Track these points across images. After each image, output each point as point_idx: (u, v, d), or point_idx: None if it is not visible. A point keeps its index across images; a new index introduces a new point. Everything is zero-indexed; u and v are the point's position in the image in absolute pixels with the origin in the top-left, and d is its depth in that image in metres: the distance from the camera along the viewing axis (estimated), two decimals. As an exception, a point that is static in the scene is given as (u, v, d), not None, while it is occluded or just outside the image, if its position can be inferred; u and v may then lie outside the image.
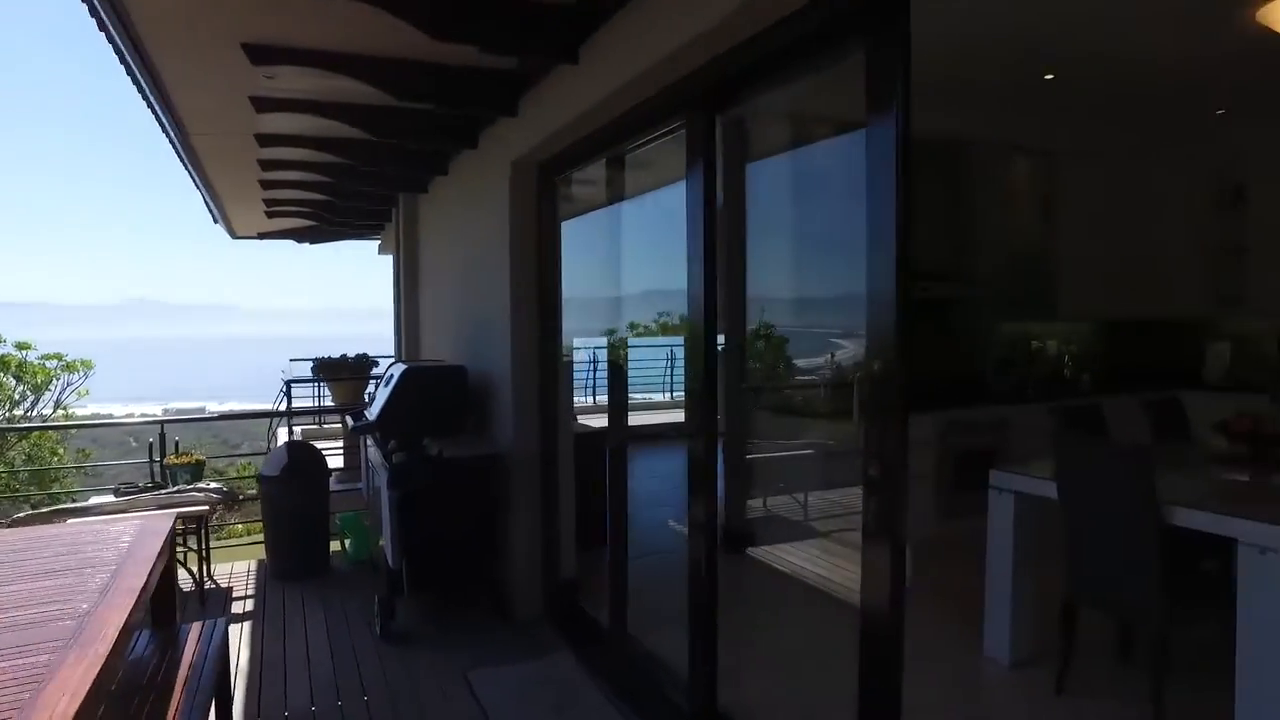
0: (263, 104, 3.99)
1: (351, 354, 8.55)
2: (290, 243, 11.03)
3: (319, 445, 5.46)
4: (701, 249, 2.66)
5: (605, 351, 6.02)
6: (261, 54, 3.28)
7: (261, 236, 10.14)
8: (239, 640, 3.96)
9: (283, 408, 9.89)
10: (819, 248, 5.03)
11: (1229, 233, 6.31)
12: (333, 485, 5.64)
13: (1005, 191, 5.70)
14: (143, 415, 19.25)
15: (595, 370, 8.32)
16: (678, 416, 7.75)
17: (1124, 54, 4.33)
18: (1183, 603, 2.85)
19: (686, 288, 2.74)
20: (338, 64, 3.45)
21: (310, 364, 8.63)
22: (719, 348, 2.85)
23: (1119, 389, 5.92)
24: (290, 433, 9.20)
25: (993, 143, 5.59)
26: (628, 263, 4.90)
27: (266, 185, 6.37)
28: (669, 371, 10.34)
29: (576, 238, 4.45)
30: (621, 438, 3.88)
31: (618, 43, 2.79)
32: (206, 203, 7.39)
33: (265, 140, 4.86)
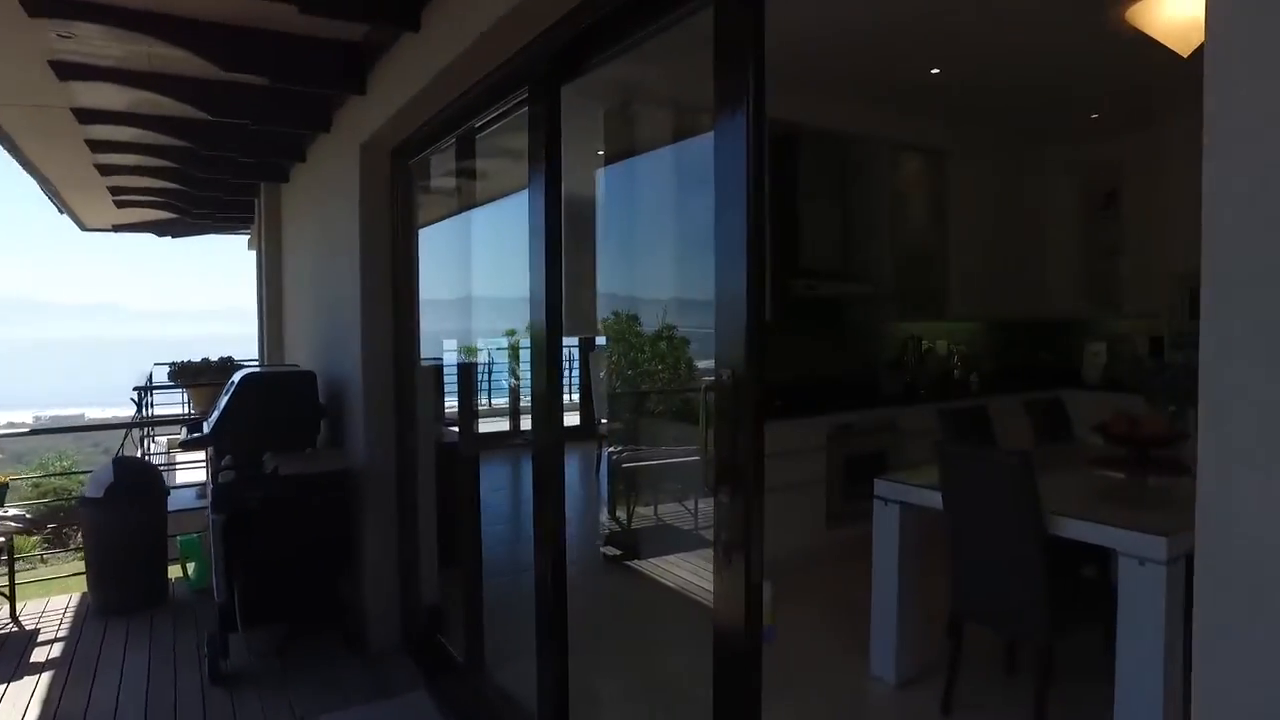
0: (66, 70, 3.47)
1: (236, 357, 7.85)
2: (190, 239, 10.25)
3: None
4: (544, 238, 2.36)
5: (504, 352, 5.75)
6: (43, 5, 2.79)
7: (116, 229, 9.30)
8: (31, 693, 3.42)
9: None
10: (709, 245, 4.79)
11: (1104, 236, 6.45)
12: (186, 503, 5.08)
13: (897, 189, 5.61)
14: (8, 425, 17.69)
15: (490, 372, 7.94)
16: (571, 420, 7.40)
17: (1002, 51, 4.27)
18: (1067, 616, 2.72)
19: (529, 277, 2.43)
20: (143, 24, 2.99)
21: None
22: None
23: (1005, 389, 5.93)
24: (144, 446, 8.41)
25: (885, 140, 5.49)
26: (512, 262, 4.59)
27: (105, 170, 5.73)
28: (569, 371, 10.05)
29: (454, 235, 4.10)
30: (472, 447, 3.54)
31: (457, 4, 2.46)
32: (44, 190, 6.64)
33: (86, 116, 4.29)
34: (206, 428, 3.88)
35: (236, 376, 3.90)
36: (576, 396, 8.46)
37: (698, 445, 5.18)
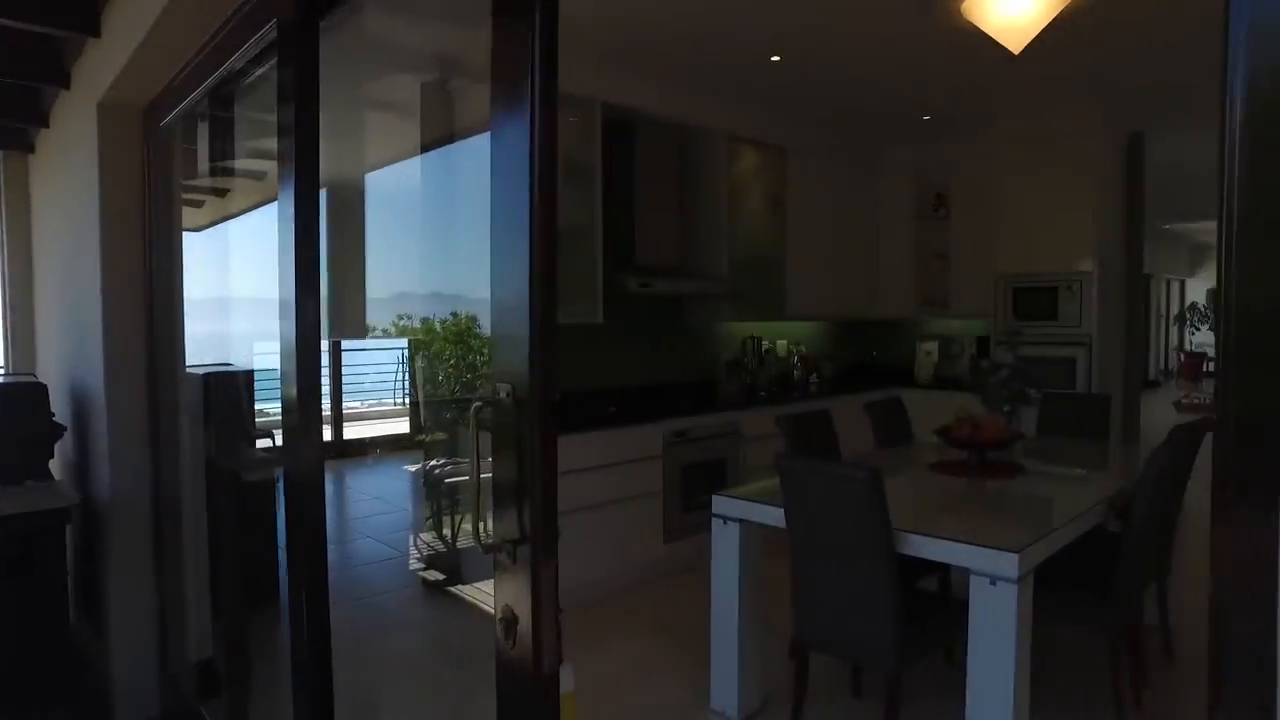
0: None
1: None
2: None
3: None
4: (294, 222, 1.85)
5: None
6: None
7: None
8: None
9: None
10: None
11: (935, 237, 6.58)
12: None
13: (736, 184, 5.42)
14: None
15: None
16: (401, 426, 6.73)
17: (840, 40, 4.13)
18: (916, 646, 2.51)
19: (278, 269, 1.92)
20: None
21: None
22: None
23: (845, 389, 5.89)
24: None
25: (725, 132, 5.27)
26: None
27: None
28: (399, 375, 9.35)
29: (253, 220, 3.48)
30: (257, 469, 2.96)
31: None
32: None
33: None
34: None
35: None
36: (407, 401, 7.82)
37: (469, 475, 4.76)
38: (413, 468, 5.39)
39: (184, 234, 3.25)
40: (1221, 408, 0.76)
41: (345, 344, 5.88)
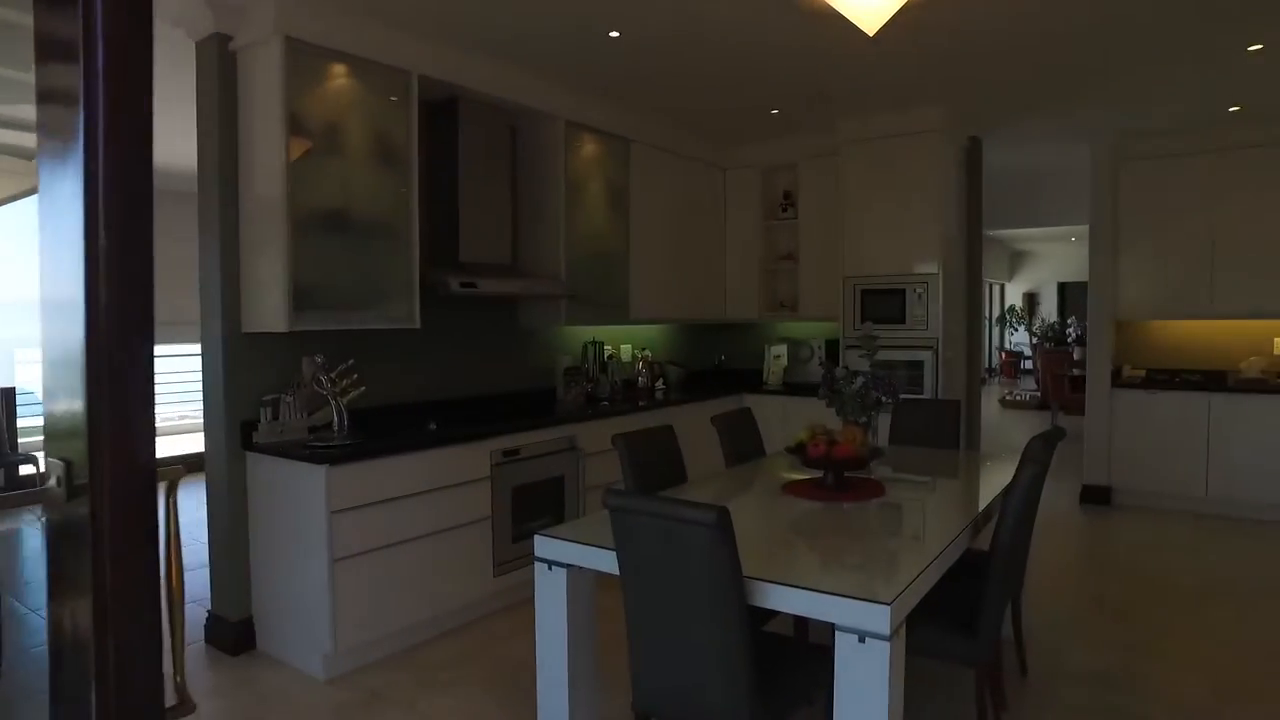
0: None
1: None
2: None
3: None
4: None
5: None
6: None
7: None
8: None
9: None
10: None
11: (782, 238, 6.40)
12: None
13: (576, 177, 4.95)
14: None
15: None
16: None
17: (684, 19, 3.75)
18: (775, 702, 2.12)
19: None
20: None
21: None
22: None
23: (693, 396, 5.56)
24: None
25: (563, 118, 4.79)
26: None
27: None
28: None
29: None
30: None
31: None
32: None
33: None
34: None
35: None
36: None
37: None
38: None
39: None
40: None
41: None
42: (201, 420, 3.70)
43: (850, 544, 2.45)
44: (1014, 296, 18.36)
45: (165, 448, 6.72)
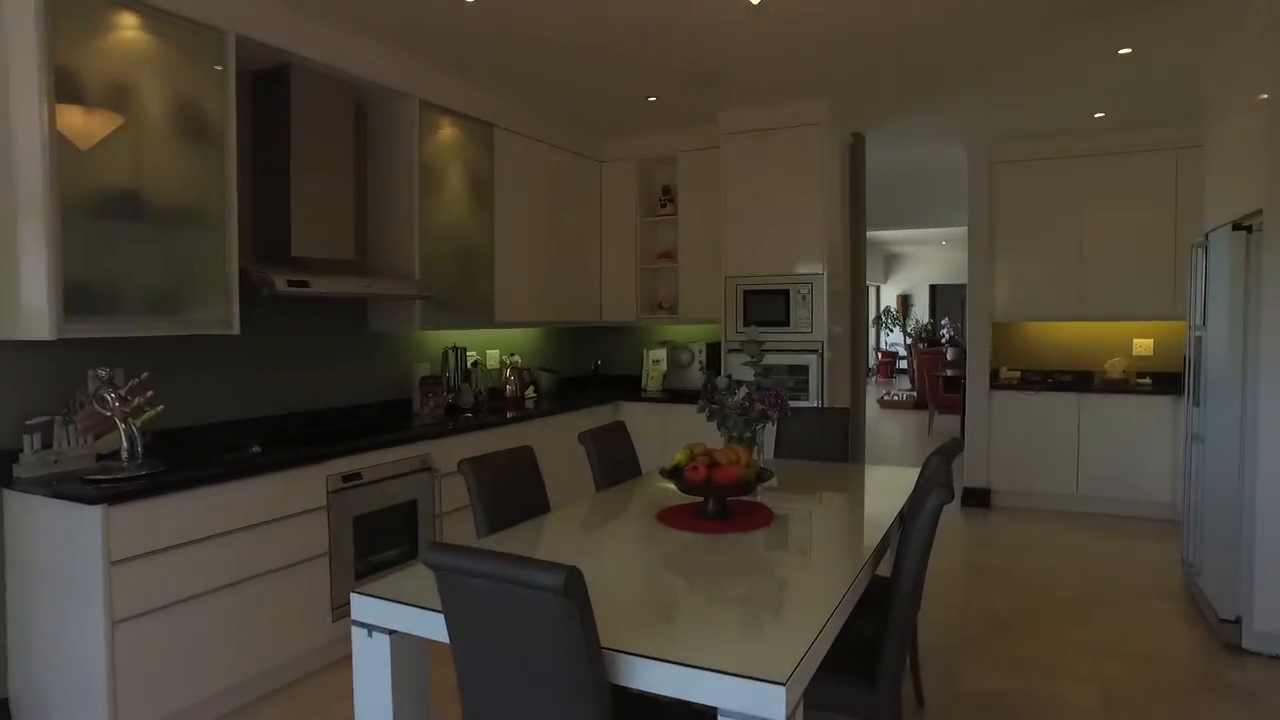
0: None
1: None
2: None
3: None
4: None
5: None
6: None
7: None
8: None
9: None
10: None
11: (661, 236, 6.08)
12: None
13: (433, 164, 4.44)
14: None
15: None
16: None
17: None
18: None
19: None
20: None
21: None
22: None
23: (566, 406, 5.13)
24: None
25: (418, 99, 4.27)
26: None
27: None
28: None
29: None
30: None
31: None
32: None
33: None
34: None
35: None
36: None
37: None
38: None
39: None
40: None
41: None
42: (-52, 450, 2.98)
43: (734, 586, 2.08)
44: (889, 298, 18.87)
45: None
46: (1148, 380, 6.00)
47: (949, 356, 11.63)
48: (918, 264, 18.36)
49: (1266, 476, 3.44)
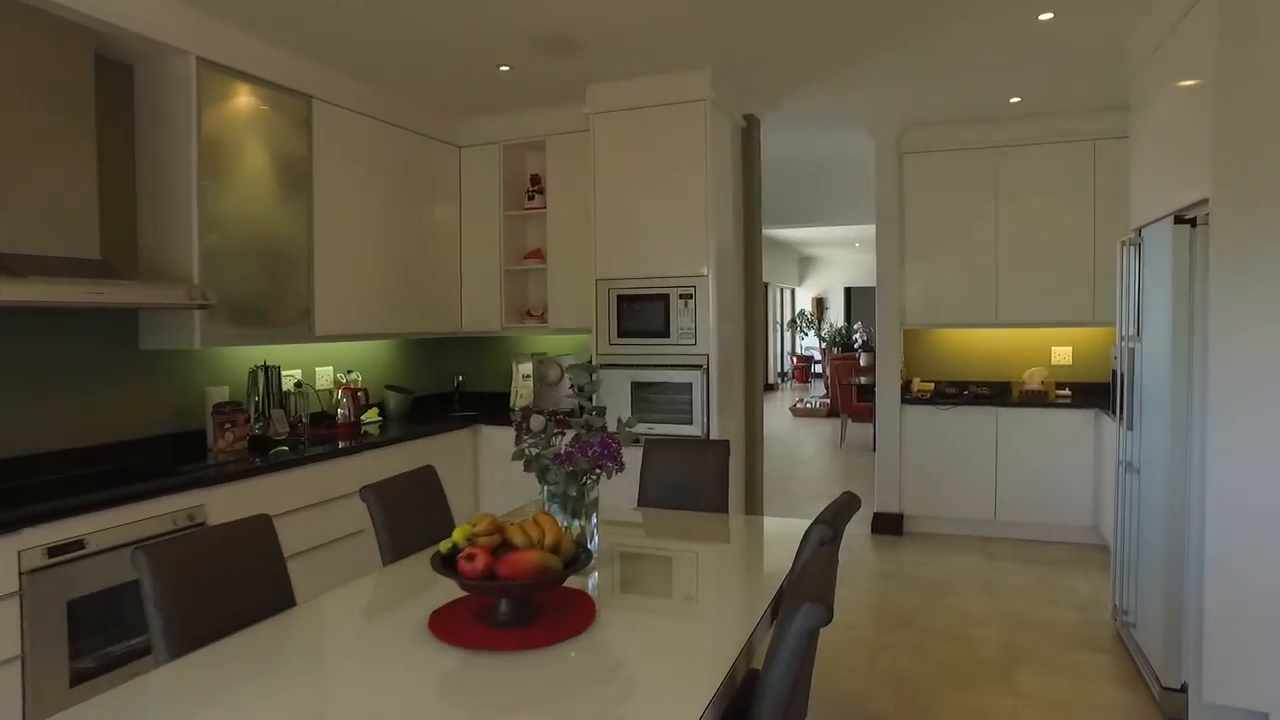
0: None
1: None
2: None
3: None
4: None
5: None
6: None
7: None
8: None
9: None
10: None
11: (529, 232, 5.30)
12: None
13: (221, 139, 3.55)
14: None
15: None
16: None
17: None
18: None
19: None
20: None
21: None
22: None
23: (419, 431, 4.28)
24: None
25: (197, 58, 3.39)
26: None
27: None
28: None
29: None
30: None
31: None
32: None
33: None
34: None
35: None
36: None
37: None
38: None
39: None
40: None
41: None
42: None
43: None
44: (804, 301, 18.50)
45: None
46: (1067, 392, 5.51)
47: (862, 362, 11.17)
48: (833, 266, 18.05)
49: (1216, 514, 2.85)
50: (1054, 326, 5.47)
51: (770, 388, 16.56)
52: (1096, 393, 5.50)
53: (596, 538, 2.32)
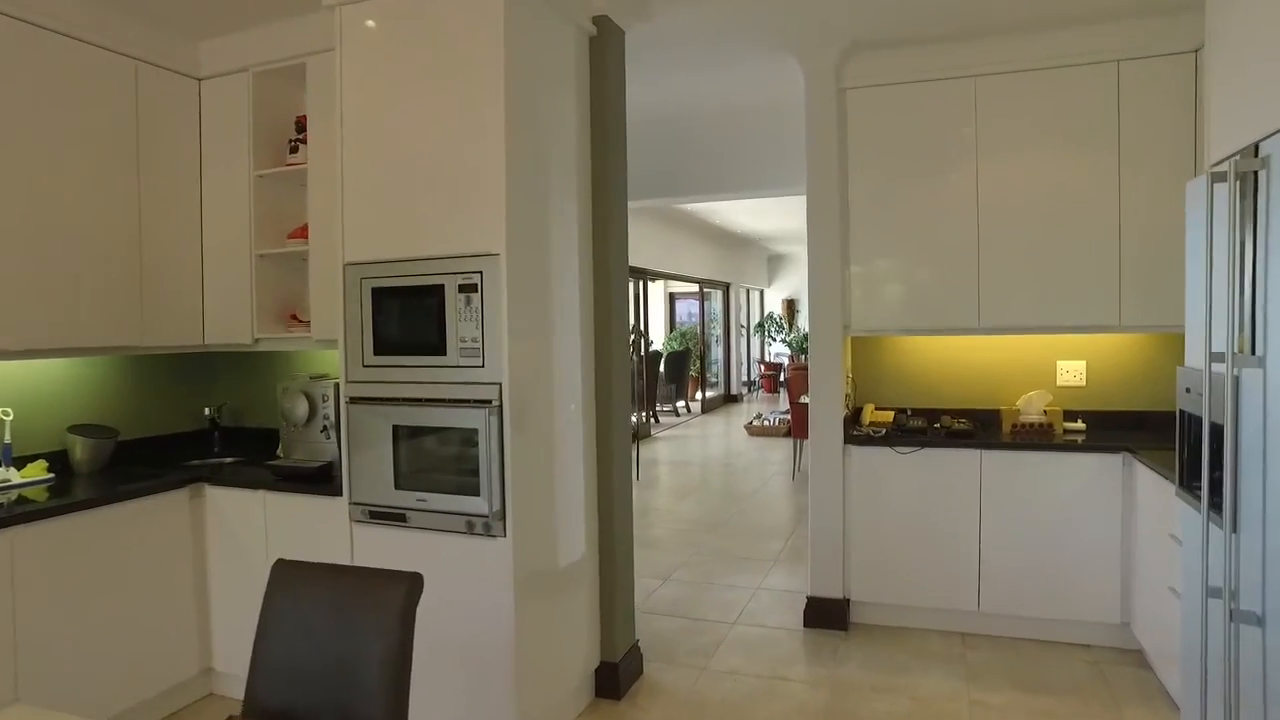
0: None
1: None
2: None
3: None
4: None
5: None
6: None
7: None
8: None
9: None
10: None
11: (292, 202, 3.65)
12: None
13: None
14: None
15: None
16: None
17: None
18: None
19: None
20: None
21: None
22: None
23: (91, 499, 2.62)
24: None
25: None
26: None
27: None
28: None
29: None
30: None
31: None
32: None
33: None
34: None
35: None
36: None
37: None
38: None
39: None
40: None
41: None
42: None
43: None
44: (774, 303, 16.92)
45: None
46: (1080, 425, 3.90)
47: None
48: (803, 265, 16.46)
49: None
50: (1061, 333, 3.84)
51: (733, 399, 14.93)
52: (1123, 425, 3.90)
53: None
